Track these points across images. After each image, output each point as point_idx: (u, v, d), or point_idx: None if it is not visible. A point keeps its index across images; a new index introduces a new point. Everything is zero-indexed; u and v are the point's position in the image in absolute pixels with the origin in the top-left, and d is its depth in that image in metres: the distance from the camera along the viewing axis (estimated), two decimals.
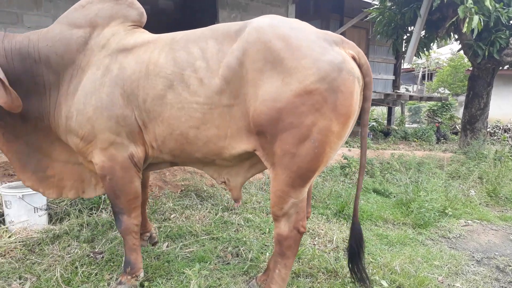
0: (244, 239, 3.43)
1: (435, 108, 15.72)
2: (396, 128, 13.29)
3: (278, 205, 2.21)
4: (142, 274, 2.69)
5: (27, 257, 2.97)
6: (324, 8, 10.86)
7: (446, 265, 3.19)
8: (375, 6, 7.92)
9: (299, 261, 3.07)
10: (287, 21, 2.15)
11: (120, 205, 2.54)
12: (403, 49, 7.51)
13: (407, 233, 3.83)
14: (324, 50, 2.00)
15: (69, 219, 3.65)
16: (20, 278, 2.69)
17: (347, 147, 8.34)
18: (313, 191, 4.74)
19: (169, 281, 2.74)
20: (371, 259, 3.15)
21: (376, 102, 11.44)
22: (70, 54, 2.47)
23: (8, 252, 3.07)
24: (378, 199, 4.92)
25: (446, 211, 4.36)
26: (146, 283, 2.68)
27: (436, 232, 3.93)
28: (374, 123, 13.82)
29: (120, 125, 2.38)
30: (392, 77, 13.49)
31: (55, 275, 2.68)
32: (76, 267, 2.83)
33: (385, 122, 15.07)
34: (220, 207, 4.13)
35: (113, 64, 2.41)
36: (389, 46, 8.08)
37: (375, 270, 2.91)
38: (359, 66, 2.11)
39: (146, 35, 2.53)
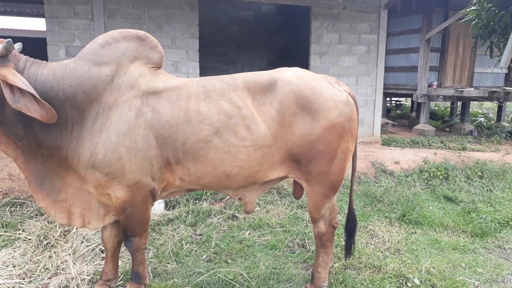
0: (310, 233, 4.18)
1: None
2: (507, 125, 12.43)
3: (316, 211, 2.92)
4: (147, 282, 3.06)
5: (150, 234, 4.14)
6: (427, 1, 10.66)
7: (488, 273, 3.56)
8: (472, 8, 7.72)
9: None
10: (304, 72, 2.83)
11: (134, 230, 2.80)
12: (500, 52, 7.26)
13: (461, 240, 4.19)
14: (336, 92, 2.73)
15: (179, 207, 4.81)
16: (145, 249, 3.85)
17: (439, 148, 8.39)
18: (382, 195, 5.26)
19: (246, 261, 3.65)
20: (409, 261, 3.66)
21: (480, 99, 10.91)
22: (97, 92, 2.53)
23: None
24: (446, 206, 5.22)
25: (511, 223, 4.54)
26: (229, 260, 3.64)
27: (493, 242, 4.21)
28: (482, 119, 13.07)
29: (152, 164, 2.60)
30: (505, 71, 12.56)
31: (168, 248, 3.79)
32: (182, 244, 3.91)
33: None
34: (295, 205, 4.93)
35: (146, 107, 2.57)
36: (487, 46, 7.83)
37: (410, 270, 3.45)
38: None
39: (172, 79, 2.75)
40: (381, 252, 3.86)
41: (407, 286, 3.26)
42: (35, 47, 5.38)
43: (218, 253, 3.79)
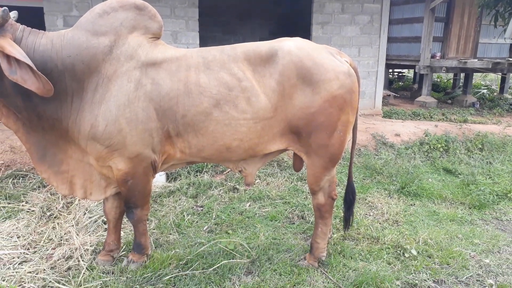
0: (310, 205, 4.22)
1: None
2: (510, 97, 12.31)
3: (316, 183, 2.93)
4: (150, 252, 3.11)
5: (152, 205, 4.19)
6: None
7: (485, 244, 3.61)
8: None
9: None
10: (306, 42, 2.77)
11: (135, 202, 2.82)
12: (506, 22, 7.13)
13: (459, 212, 4.23)
14: (337, 63, 2.67)
15: (180, 179, 4.84)
16: (147, 220, 3.91)
17: (440, 120, 8.36)
18: (382, 168, 5.28)
19: (246, 231, 3.71)
20: (407, 232, 3.71)
21: (483, 71, 10.79)
22: (96, 63, 2.49)
23: None
24: (446, 178, 5.25)
25: (510, 195, 4.57)
26: (230, 231, 3.70)
27: (490, 214, 4.25)
28: (484, 91, 12.94)
29: (152, 137, 2.60)
30: (509, 41, 12.34)
31: (169, 220, 3.85)
32: (184, 216, 3.97)
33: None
34: (295, 177, 4.96)
35: (145, 79, 2.54)
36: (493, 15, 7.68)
37: (408, 241, 3.50)
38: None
39: (171, 50, 2.70)
40: (380, 223, 3.92)
41: (405, 256, 3.32)
42: (32, 16, 5.29)
43: (219, 224, 3.85)
